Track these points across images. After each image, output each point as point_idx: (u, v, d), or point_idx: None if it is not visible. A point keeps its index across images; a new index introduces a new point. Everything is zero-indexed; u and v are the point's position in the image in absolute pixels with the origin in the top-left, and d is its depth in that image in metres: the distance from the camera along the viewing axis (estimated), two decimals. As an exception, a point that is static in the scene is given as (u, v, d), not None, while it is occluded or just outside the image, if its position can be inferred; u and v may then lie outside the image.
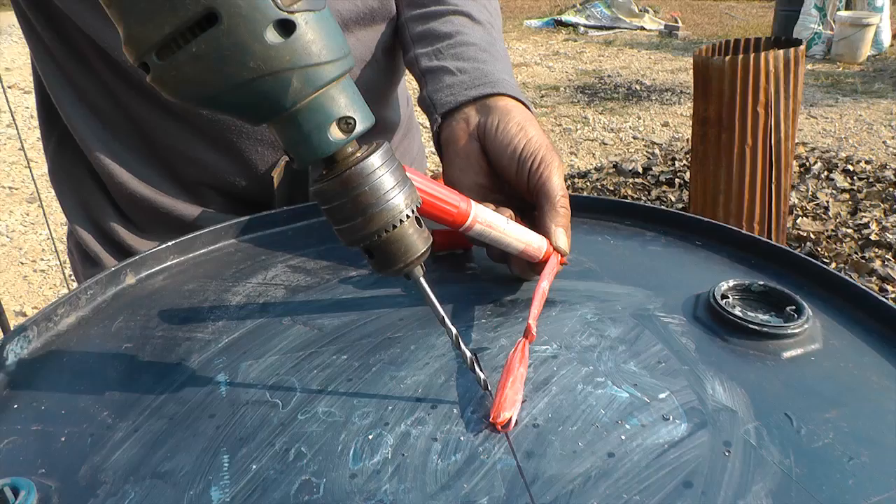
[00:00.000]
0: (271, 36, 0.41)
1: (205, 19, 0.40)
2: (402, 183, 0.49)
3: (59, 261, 3.76)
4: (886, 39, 8.01)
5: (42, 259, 3.82)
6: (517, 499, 0.45)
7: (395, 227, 0.48)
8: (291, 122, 0.45)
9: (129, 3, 0.40)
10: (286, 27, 0.42)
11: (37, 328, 0.64)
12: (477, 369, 0.53)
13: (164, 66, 0.42)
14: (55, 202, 4.41)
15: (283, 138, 0.46)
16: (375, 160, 0.47)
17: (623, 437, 0.50)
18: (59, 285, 3.55)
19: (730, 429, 0.51)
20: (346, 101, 0.46)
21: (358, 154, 0.48)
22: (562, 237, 0.67)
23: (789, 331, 0.61)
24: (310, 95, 0.44)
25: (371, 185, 0.47)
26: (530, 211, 0.71)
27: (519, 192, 0.72)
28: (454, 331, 0.53)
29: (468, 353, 0.53)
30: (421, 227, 0.51)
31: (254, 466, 0.48)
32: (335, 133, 0.46)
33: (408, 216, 0.49)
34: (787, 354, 0.59)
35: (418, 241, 0.50)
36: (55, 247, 3.21)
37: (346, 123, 0.46)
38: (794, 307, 0.63)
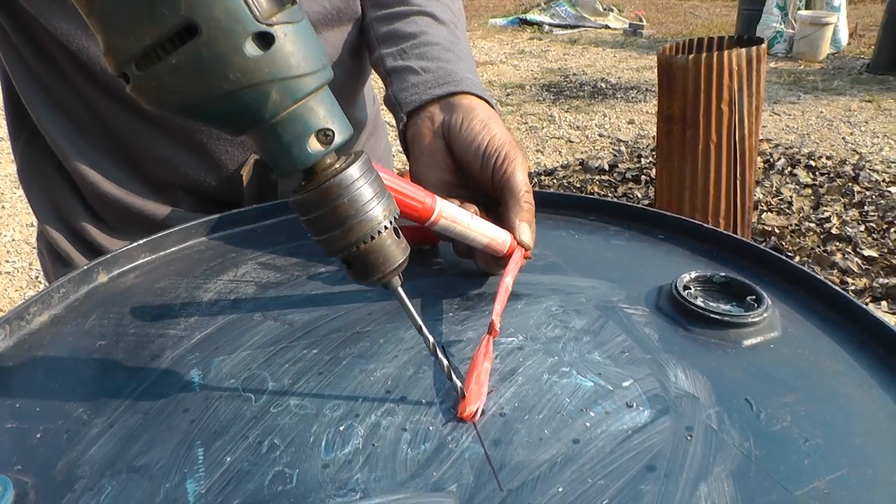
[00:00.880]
0: (250, 48, 0.42)
1: (184, 31, 0.40)
2: (381, 194, 0.49)
3: (25, 263, 3.72)
4: (844, 38, 8.13)
5: (7, 261, 3.77)
6: (485, 485, 0.47)
7: (373, 237, 0.49)
8: (271, 134, 0.45)
9: (110, 14, 0.40)
10: (265, 39, 0.42)
11: (9, 326, 0.64)
12: (454, 378, 0.54)
13: (144, 77, 0.42)
14: (19, 203, 4.37)
15: (263, 149, 0.47)
16: (354, 171, 0.48)
17: (588, 424, 0.52)
18: (26, 287, 3.52)
19: (692, 414, 0.52)
20: (324, 113, 0.46)
21: (337, 165, 0.48)
22: (525, 231, 0.68)
23: (749, 320, 0.62)
24: (289, 107, 0.44)
25: (350, 196, 0.48)
26: (496, 207, 0.72)
27: (484, 188, 0.74)
28: (431, 339, 0.54)
29: (445, 363, 0.54)
30: (399, 237, 0.51)
31: (228, 459, 0.49)
32: (314, 145, 0.46)
33: (386, 227, 0.49)
34: (747, 342, 0.61)
35: (396, 251, 0.51)
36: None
37: (325, 135, 0.46)
38: (754, 297, 0.65)
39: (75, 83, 0.87)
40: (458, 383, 0.54)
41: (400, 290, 0.52)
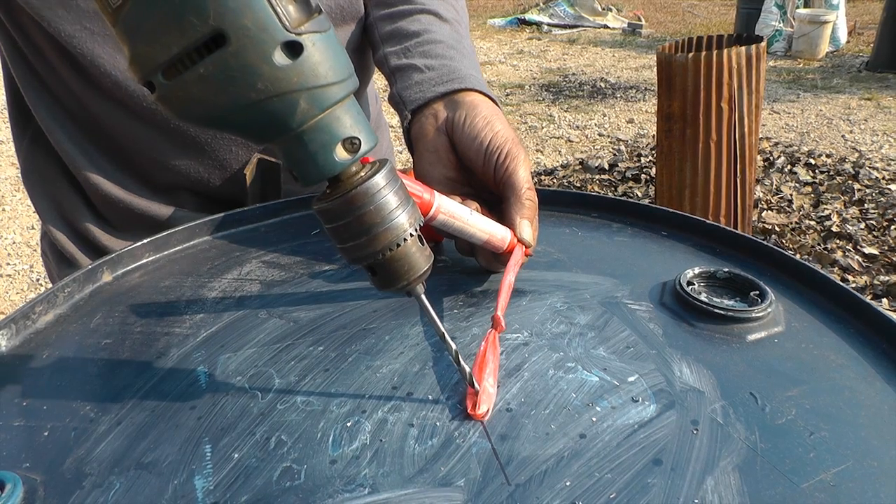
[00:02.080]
0: (279, 57, 0.41)
1: (212, 40, 0.40)
2: (406, 202, 0.49)
3: (26, 265, 3.72)
4: (843, 36, 8.14)
5: (8, 264, 3.78)
6: (493, 480, 0.47)
7: (398, 245, 0.49)
8: (297, 142, 0.45)
9: (136, 24, 0.40)
10: (294, 49, 0.42)
11: (15, 326, 0.64)
12: (475, 384, 0.54)
13: (171, 87, 0.42)
14: (20, 205, 4.37)
15: (288, 158, 0.46)
16: (380, 180, 0.48)
17: (594, 419, 0.52)
18: (27, 290, 3.52)
19: (697, 408, 0.53)
20: (351, 122, 0.46)
21: (362, 174, 0.48)
22: (526, 228, 0.68)
23: (753, 315, 0.63)
24: (316, 116, 0.44)
25: (375, 204, 0.47)
26: (498, 204, 0.72)
27: (486, 184, 0.74)
28: (454, 347, 0.54)
29: (467, 370, 0.54)
30: (423, 245, 0.51)
31: (236, 455, 0.49)
32: (340, 153, 0.46)
33: (411, 235, 0.49)
34: (751, 337, 0.61)
35: (420, 259, 0.50)
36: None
37: (352, 143, 0.46)
38: (757, 292, 0.65)
39: (74, 87, 0.87)
40: (477, 387, 0.54)
41: (423, 297, 0.52)
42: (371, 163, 0.50)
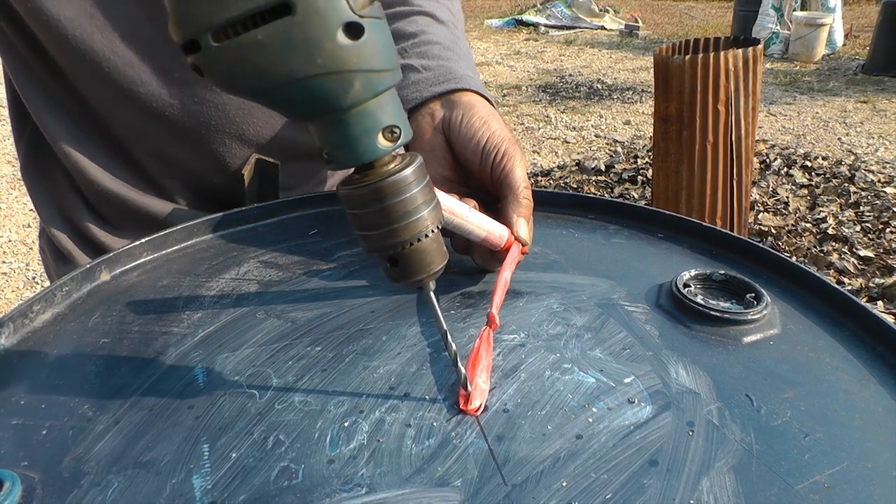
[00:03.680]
0: (341, 36, 0.41)
1: (277, 8, 0.40)
2: (431, 199, 0.50)
3: (22, 263, 3.72)
4: (839, 39, 8.16)
5: (4, 262, 3.77)
6: (489, 480, 0.47)
7: (419, 240, 0.49)
8: (341, 124, 0.45)
9: None
10: (355, 30, 0.42)
11: (13, 324, 0.64)
12: (469, 387, 0.54)
13: (221, 49, 0.40)
14: (16, 203, 4.36)
15: (326, 139, 0.46)
16: (409, 174, 0.48)
17: (590, 420, 0.52)
18: (23, 288, 3.51)
19: (693, 410, 0.53)
20: (393, 111, 0.46)
21: (392, 165, 0.48)
22: (523, 227, 0.69)
23: (749, 317, 0.63)
24: (367, 100, 0.44)
25: (403, 197, 0.48)
26: (494, 203, 0.72)
27: (483, 184, 0.74)
28: (454, 349, 0.54)
29: (463, 372, 0.54)
30: (441, 243, 0.52)
31: (233, 454, 0.49)
32: (382, 141, 0.46)
33: (433, 231, 0.50)
34: (747, 339, 0.62)
35: (437, 255, 0.51)
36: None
37: (392, 132, 0.46)
38: (753, 294, 0.66)
39: (71, 79, 0.87)
40: (469, 389, 0.54)
41: (432, 294, 0.53)
42: (401, 155, 0.50)
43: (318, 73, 0.42)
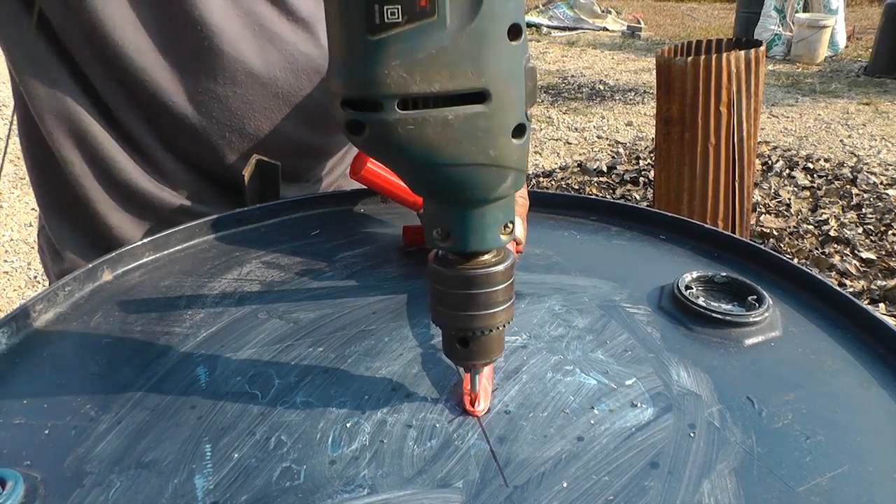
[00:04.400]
0: (513, 133, 0.42)
1: (471, 95, 0.40)
2: (511, 297, 0.50)
3: (24, 262, 3.72)
4: (842, 41, 8.15)
5: (6, 261, 3.77)
6: (491, 481, 0.47)
7: (490, 331, 0.50)
8: (479, 212, 0.46)
9: (406, 47, 0.39)
10: (522, 130, 0.43)
11: (15, 324, 0.64)
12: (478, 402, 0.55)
13: (404, 118, 0.40)
14: (17, 203, 4.37)
15: (456, 221, 0.46)
16: (502, 270, 0.49)
17: (592, 422, 0.52)
18: (24, 287, 3.51)
19: (694, 412, 0.53)
20: (512, 207, 0.48)
21: (489, 256, 0.49)
22: (518, 226, 0.69)
23: (751, 319, 0.63)
24: (508, 195, 0.46)
25: (490, 290, 0.48)
26: None
27: None
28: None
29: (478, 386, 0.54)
30: (503, 336, 0.52)
31: (236, 455, 0.50)
32: (503, 233, 0.47)
33: (503, 326, 0.50)
34: (748, 341, 0.62)
35: (498, 346, 0.52)
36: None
37: (507, 227, 0.47)
38: (755, 297, 0.66)
39: (76, 58, 0.85)
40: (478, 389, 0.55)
41: (479, 375, 0.53)
42: (497, 249, 0.50)
43: (484, 163, 0.42)
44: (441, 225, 0.47)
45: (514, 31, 0.40)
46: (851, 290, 3.14)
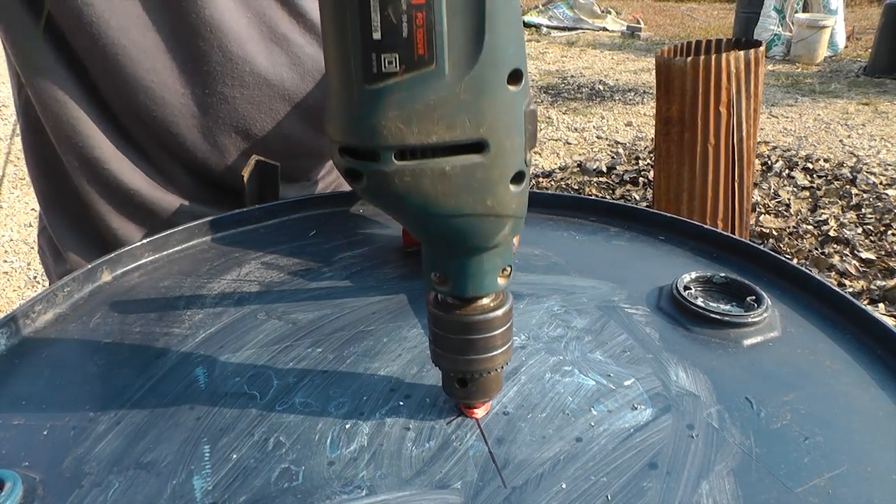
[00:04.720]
0: (511, 182, 0.42)
1: (473, 144, 0.40)
2: (509, 339, 0.51)
3: (24, 262, 3.72)
4: (841, 41, 8.14)
5: (6, 261, 3.77)
6: (489, 482, 0.47)
7: (489, 373, 0.50)
8: (478, 259, 0.46)
9: (405, 98, 0.38)
10: (520, 178, 0.42)
11: (14, 324, 0.64)
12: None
13: (400, 169, 0.40)
14: (17, 203, 4.37)
15: (454, 267, 0.46)
16: (501, 315, 0.49)
17: (590, 423, 0.52)
18: (24, 287, 3.51)
19: (693, 413, 0.53)
20: (510, 252, 0.48)
21: (488, 301, 0.49)
22: None
23: (749, 320, 0.63)
24: (506, 242, 0.46)
25: (488, 335, 0.49)
26: None
27: None
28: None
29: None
30: (501, 376, 0.53)
31: (234, 456, 0.50)
32: (500, 278, 0.47)
33: (501, 368, 0.51)
34: (747, 342, 0.62)
35: (496, 386, 0.52)
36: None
37: (505, 271, 0.47)
38: (754, 297, 0.66)
39: (81, 57, 0.85)
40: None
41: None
42: (496, 293, 0.50)
43: (482, 213, 0.42)
44: (439, 269, 0.47)
45: (515, 77, 0.39)
46: (851, 290, 3.14)
